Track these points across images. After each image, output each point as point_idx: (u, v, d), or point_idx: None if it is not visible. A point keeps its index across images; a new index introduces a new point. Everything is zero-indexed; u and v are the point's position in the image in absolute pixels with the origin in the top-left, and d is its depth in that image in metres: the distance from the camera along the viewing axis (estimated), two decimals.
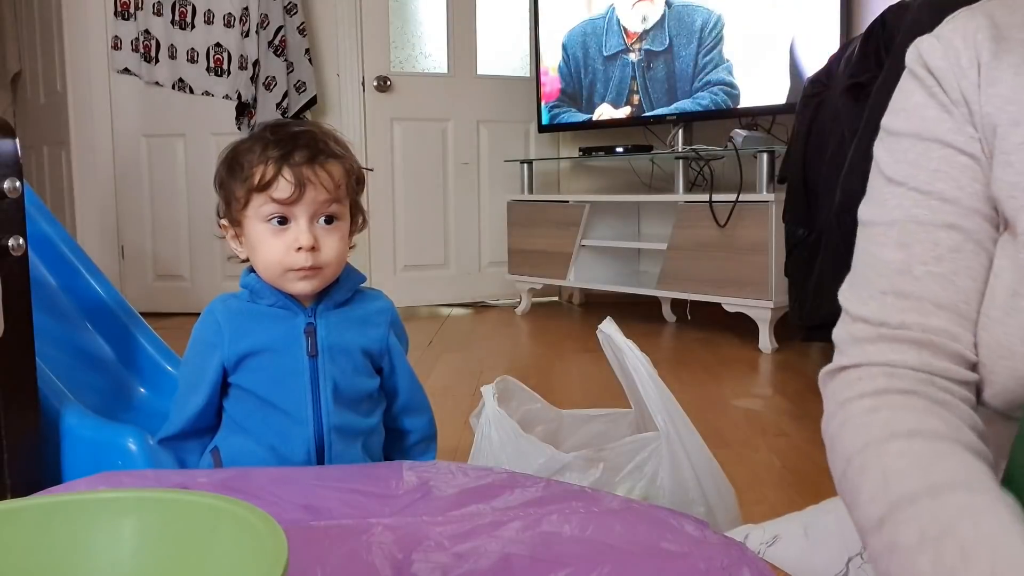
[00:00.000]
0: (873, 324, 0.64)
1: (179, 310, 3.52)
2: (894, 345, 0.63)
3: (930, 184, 0.65)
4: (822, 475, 1.53)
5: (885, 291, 0.65)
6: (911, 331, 0.63)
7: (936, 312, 0.63)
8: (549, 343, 3.01)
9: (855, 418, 0.61)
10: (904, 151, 0.67)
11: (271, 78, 3.50)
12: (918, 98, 0.68)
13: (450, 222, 3.83)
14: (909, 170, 0.66)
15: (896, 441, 0.57)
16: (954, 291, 0.63)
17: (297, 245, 0.98)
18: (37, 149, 3.86)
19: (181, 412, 1.05)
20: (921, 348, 0.62)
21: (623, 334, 1.16)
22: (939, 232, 0.64)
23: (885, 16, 1.90)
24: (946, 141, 0.65)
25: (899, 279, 0.64)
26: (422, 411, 1.16)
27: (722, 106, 3.12)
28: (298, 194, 0.97)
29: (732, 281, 2.80)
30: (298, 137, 1.00)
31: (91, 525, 0.57)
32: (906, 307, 0.63)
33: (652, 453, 1.09)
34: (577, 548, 0.73)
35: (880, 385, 0.61)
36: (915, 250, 0.64)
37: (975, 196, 0.64)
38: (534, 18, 3.77)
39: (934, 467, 0.55)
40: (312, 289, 1.02)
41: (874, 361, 0.63)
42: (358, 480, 0.87)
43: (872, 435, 0.59)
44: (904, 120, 0.68)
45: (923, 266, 0.64)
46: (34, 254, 1.47)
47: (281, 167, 0.97)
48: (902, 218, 0.65)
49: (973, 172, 0.64)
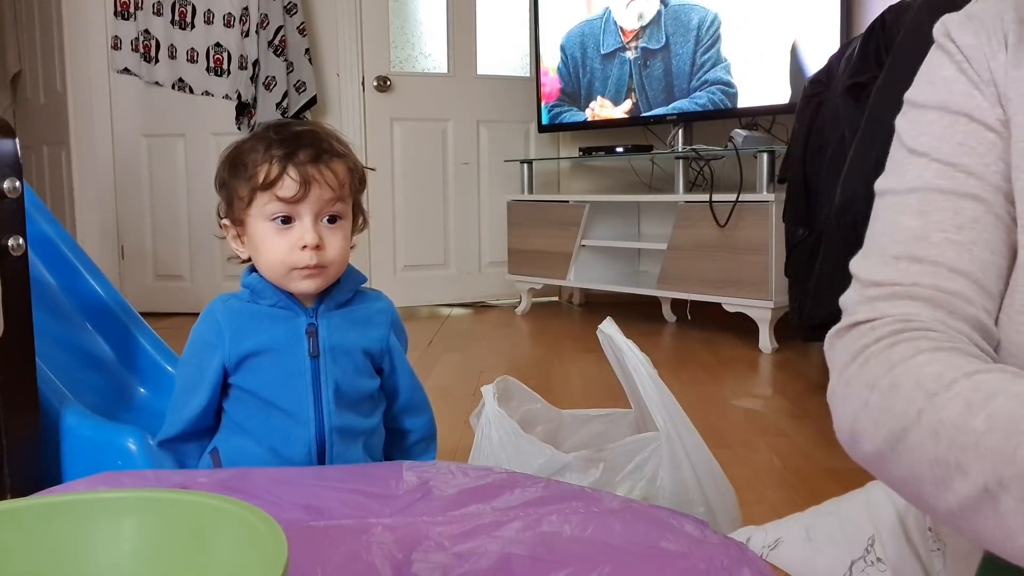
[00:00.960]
0: (885, 285, 0.62)
1: (179, 310, 3.52)
2: (908, 301, 0.60)
3: (955, 156, 0.63)
4: (822, 475, 1.53)
5: (900, 256, 0.62)
6: (925, 289, 0.60)
7: (952, 277, 0.60)
8: (549, 343, 3.01)
9: (875, 356, 0.57)
10: (929, 123, 0.65)
11: (271, 78, 3.50)
12: (947, 72, 0.66)
13: (450, 222, 3.83)
14: (933, 142, 0.64)
15: (923, 355, 0.54)
16: (970, 259, 0.60)
17: (302, 244, 0.99)
18: (37, 149, 3.86)
19: (180, 413, 1.05)
20: (936, 307, 0.59)
21: (623, 334, 1.16)
22: (961, 201, 0.61)
23: (885, 16, 1.90)
24: (974, 116, 0.63)
25: (915, 244, 0.62)
26: (422, 411, 1.16)
27: (720, 105, 3.12)
28: (303, 192, 0.97)
29: (732, 281, 2.80)
30: (302, 136, 1.00)
31: (91, 525, 0.57)
32: (921, 271, 0.61)
33: (652, 453, 1.09)
34: (577, 548, 0.73)
35: (898, 328, 0.58)
36: (934, 217, 0.62)
37: (999, 174, 0.62)
38: (534, 18, 3.77)
39: (968, 364, 0.52)
40: (316, 288, 1.02)
41: (888, 315, 0.60)
42: (358, 480, 0.87)
43: (897, 359, 0.56)
44: (930, 93, 0.66)
45: (941, 233, 0.61)
46: (34, 254, 1.47)
47: (286, 165, 0.98)
48: (923, 186, 0.63)
49: (999, 151, 0.62)
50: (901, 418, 0.52)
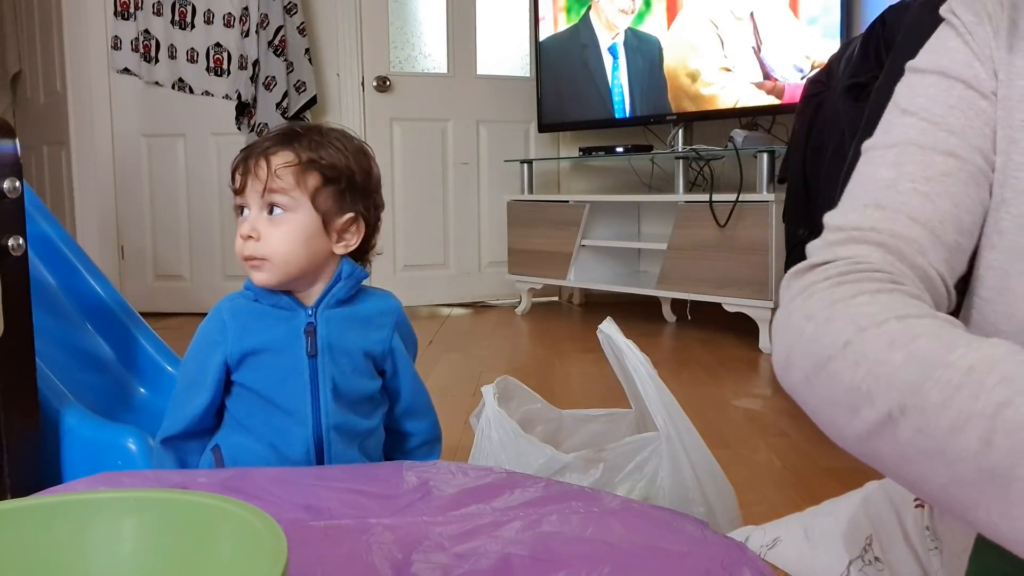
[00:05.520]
0: (846, 230, 0.64)
1: (179, 310, 3.52)
2: (863, 245, 0.63)
3: (943, 117, 0.65)
4: (822, 475, 1.53)
5: (867, 204, 0.65)
6: (880, 234, 0.62)
7: (910, 225, 0.62)
8: (549, 343, 3.01)
9: (819, 292, 0.60)
10: (926, 86, 0.67)
11: (271, 78, 3.50)
12: (952, 43, 0.68)
13: (450, 222, 3.83)
14: (925, 103, 0.66)
15: (864, 296, 0.57)
16: (932, 209, 0.63)
17: (240, 233, 1.01)
18: (37, 149, 3.86)
19: (183, 410, 1.05)
20: (887, 252, 0.62)
21: (623, 334, 1.16)
22: (936, 156, 0.64)
23: (885, 16, 1.90)
24: (970, 84, 0.65)
25: (883, 193, 0.64)
26: (425, 415, 1.15)
27: (721, 106, 3.12)
28: (242, 182, 1.00)
29: (732, 281, 2.80)
30: (282, 132, 1.03)
31: (91, 525, 0.57)
32: (882, 216, 0.63)
33: (652, 453, 1.09)
34: (577, 548, 0.73)
35: (846, 269, 0.61)
36: (907, 169, 0.64)
37: (983, 137, 0.64)
38: (534, 18, 3.77)
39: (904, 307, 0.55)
40: (264, 281, 1.01)
41: (841, 257, 0.63)
42: (358, 480, 0.87)
43: (838, 296, 0.58)
44: (933, 60, 0.68)
45: (910, 183, 0.63)
46: (34, 254, 1.47)
47: (243, 157, 1.01)
48: (903, 141, 0.66)
49: (987, 118, 0.64)
50: (828, 347, 0.55)
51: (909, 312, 0.54)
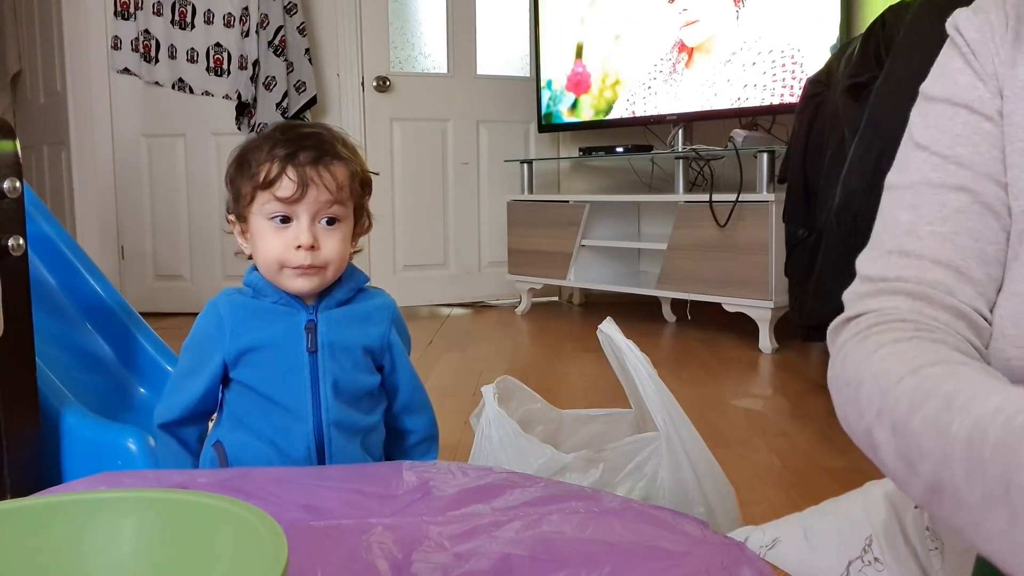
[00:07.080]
0: (874, 280, 0.66)
1: (179, 310, 3.52)
2: (891, 296, 0.64)
3: (951, 148, 0.66)
4: (822, 475, 1.53)
5: (892, 251, 0.66)
6: (907, 283, 0.64)
7: (933, 268, 0.64)
8: (549, 343, 3.01)
9: (851, 351, 0.62)
10: (936, 116, 0.68)
11: (271, 78, 3.50)
12: (956, 64, 0.69)
13: (450, 222, 3.83)
14: (935, 135, 0.67)
15: (884, 348, 0.59)
16: (952, 249, 0.64)
17: (297, 243, 1.00)
18: (37, 149, 3.86)
19: (179, 396, 1.06)
20: (915, 299, 0.63)
21: (623, 334, 1.16)
22: (948, 194, 0.65)
23: (885, 16, 1.90)
24: (974, 107, 0.66)
25: (905, 239, 0.66)
26: (423, 411, 1.16)
27: (720, 105, 3.12)
28: (300, 193, 0.99)
29: (732, 281, 2.80)
30: (306, 138, 1.02)
31: (91, 525, 0.57)
32: (906, 264, 0.65)
33: (652, 453, 1.09)
34: (577, 548, 0.73)
35: (873, 322, 0.63)
36: (923, 211, 0.66)
37: (993, 161, 0.65)
38: (534, 18, 3.77)
39: (919, 356, 0.56)
40: (311, 288, 1.03)
41: (871, 310, 0.65)
42: (358, 480, 0.87)
43: (861, 355, 0.60)
44: (940, 86, 0.69)
45: (928, 226, 0.65)
46: (34, 254, 1.47)
47: (285, 166, 0.99)
48: (918, 181, 0.67)
49: (994, 139, 0.65)
50: (865, 417, 0.57)
51: (922, 362, 0.55)
